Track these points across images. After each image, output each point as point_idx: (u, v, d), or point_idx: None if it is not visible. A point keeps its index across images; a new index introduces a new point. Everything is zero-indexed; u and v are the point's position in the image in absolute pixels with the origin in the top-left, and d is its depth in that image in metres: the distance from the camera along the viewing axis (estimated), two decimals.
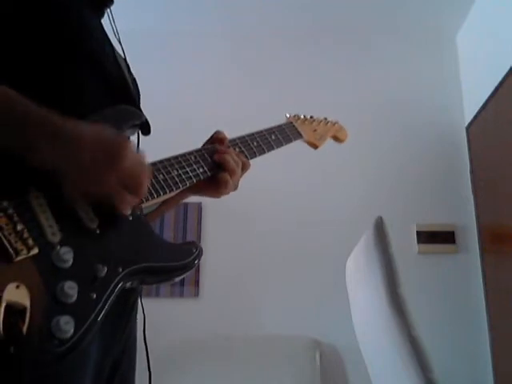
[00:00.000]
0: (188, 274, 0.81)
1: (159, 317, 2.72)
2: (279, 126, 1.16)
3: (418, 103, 3.27)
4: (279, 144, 1.13)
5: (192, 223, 3.04)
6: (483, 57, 3.03)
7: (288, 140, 1.16)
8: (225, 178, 0.94)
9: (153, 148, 1.03)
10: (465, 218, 3.05)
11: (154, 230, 0.84)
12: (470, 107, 3.16)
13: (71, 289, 0.64)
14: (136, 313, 0.97)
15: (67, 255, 0.66)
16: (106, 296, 0.68)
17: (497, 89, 2.78)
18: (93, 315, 0.66)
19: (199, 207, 3.05)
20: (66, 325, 0.62)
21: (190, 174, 0.91)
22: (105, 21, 1.00)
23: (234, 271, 2.96)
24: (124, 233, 0.75)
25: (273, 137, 1.12)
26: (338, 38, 3.37)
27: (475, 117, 3.07)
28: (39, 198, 0.68)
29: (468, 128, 3.19)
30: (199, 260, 0.82)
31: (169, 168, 0.87)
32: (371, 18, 3.30)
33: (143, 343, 0.94)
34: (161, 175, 0.85)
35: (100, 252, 0.71)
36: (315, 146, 1.27)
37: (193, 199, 0.97)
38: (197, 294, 2.94)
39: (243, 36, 3.37)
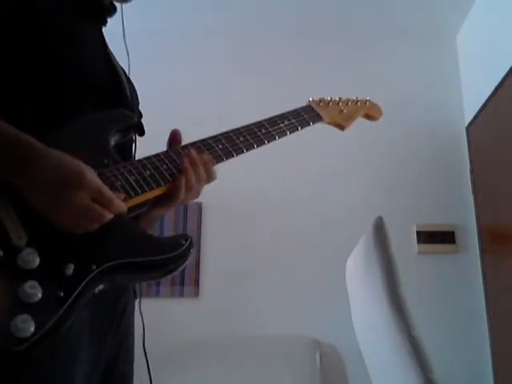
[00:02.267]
0: (181, 267, 0.78)
1: (159, 317, 2.73)
2: (294, 110, 1.10)
3: (418, 103, 3.27)
4: (293, 129, 1.05)
5: (192, 223, 3.04)
6: (483, 57, 3.03)
7: (304, 123, 1.09)
8: (180, 193, 0.86)
9: (153, 148, 1.04)
10: (465, 218, 3.05)
11: (139, 225, 0.83)
12: (470, 107, 3.15)
13: (33, 288, 0.65)
14: (132, 313, 0.96)
15: (31, 256, 0.67)
16: (77, 294, 0.68)
17: (497, 89, 2.78)
18: (58, 313, 0.66)
19: (199, 207, 3.05)
20: (24, 323, 0.62)
21: (165, 173, 0.86)
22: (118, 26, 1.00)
23: (234, 271, 2.96)
24: (100, 231, 0.74)
25: (285, 122, 1.05)
26: (338, 38, 3.37)
27: (475, 117, 3.07)
28: (5, 202, 0.69)
29: (468, 128, 3.19)
30: (190, 251, 0.78)
31: (157, 163, 0.86)
32: (371, 18, 3.30)
33: (142, 347, 0.94)
34: (147, 171, 0.83)
35: (70, 251, 0.70)
36: (342, 127, 1.21)
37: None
38: (197, 294, 2.94)
39: (243, 36, 3.37)
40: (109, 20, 1.01)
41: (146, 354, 0.94)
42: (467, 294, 2.92)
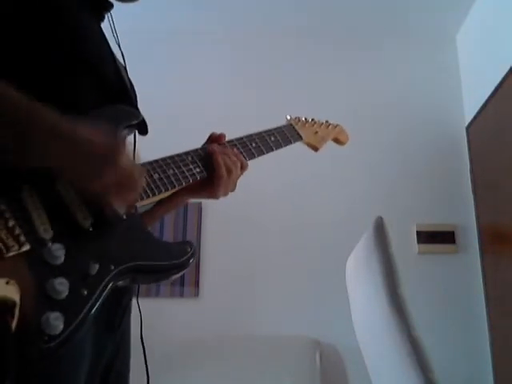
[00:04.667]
0: (182, 273, 0.82)
1: (159, 317, 2.73)
2: (278, 128, 1.16)
3: (418, 103, 3.27)
4: (278, 145, 1.13)
5: (192, 223, 3.04)
6: (483, 57, 3.03)
7: (287, 142, 1.16)
8: (222, 177, 0.93)
9: (153, 148, 1.04)
10: (465, 217, 3.05)
11: (149, 229, 0.85)
12: (470, 107, 3.16)
13: (61, 285, 0.65)
14: (130, 312, 0.97)
15: (59, 252, 0.67)
16: (98, 293, 0.69)
17: (497, 89, 2.78)
18: (83, 312, 0.66)
19: (199, 207, 3.05)
20: (56, 321, 0.62)
21: (187, 173, 0.91)
22: (105, 23, 1.00)
23: (234, 271, 2.96)
24: (117, 231, 0.75)
25: (272, 138, 1.12)
26: (339, 38, 3.37)
27: (475, 117, 3.07)
28: (33, 195, 0.69)
29: (468, 128, 3.19)
30: (193, 259, 0.83)
31: (164, 167, 0.88)
32: (371, 18, 3.30)
33: (140, 343, 0.94)
34: (156, 174, 0.86)
35: (92, 250, 0.71)
36: (315, 148, 1.28)
37: (193, 199, 0.97)
38: (197, 294, 2.94)
39: (243, 36, 3.37)
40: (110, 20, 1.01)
41: (143, 347, 0.94)
42: (467, 294, 2.92)
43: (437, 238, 3.00)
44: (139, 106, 1.03)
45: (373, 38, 3.38)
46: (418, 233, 3.01)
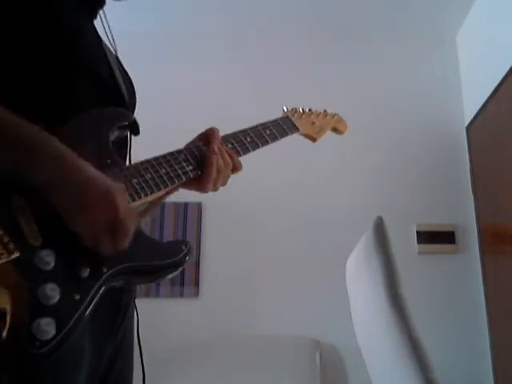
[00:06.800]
0: (179, 271, 0.81)
1: (159, 317, 2.73)
2: (274, 121, 1.14)
3: (418, 103, 3.27)
4: (274, 138, 1.10)
5: (192, 223, 3.04)
6: (483, 57, 3.03)
7: (283, 134, 1.14)
8: (210, 176, 0.93)
9: (152, 149, 1.04)
10: (465, 218, 3.05)
11: (142, 229, 0.84)
12: (470, 107, 3.16)
13: (52, 290, 0.65)
14: (132, 313, 0.97)
15: (48, 257, 0.67)
16: (90, 297, 0.69)
17: (497, 89, 2.78)
18: (76, 316, 0.66)
19: (199, 207, 3.05)
20: (47, 326, 0.63)
21: (179, 171, 0.90)
22: (98, 21, 1.00)
23: (234, 271, 2.96)
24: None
25: (267, 131, 1.10)
26: (338, 39, 3.37)
27: (475, 117, 3.07)
28: (21, 202, 0.69)
29: (468, 128, 3.19)
30: (189, 258, 0.82)
31: (157, 167, 0.87)
32: (371, 19, 3.30)
33: (137, 343, 0.94)
34: (148, 174, 0.85)
35: (83, 253, 0.71)
36: (313, 139, 1.25)
37: (193, 199, 0.97)
38: (197, 294, 2.94)
39: (242, 36, 3.37)
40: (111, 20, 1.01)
41: (140, 346, 0.94)
42: (467, 294, 2.92)
43: (437, 238, 3.00)
44: (138, 105, 1.03)
45: (372, 38, 3.38)
46: (418, 233, 3.01)
